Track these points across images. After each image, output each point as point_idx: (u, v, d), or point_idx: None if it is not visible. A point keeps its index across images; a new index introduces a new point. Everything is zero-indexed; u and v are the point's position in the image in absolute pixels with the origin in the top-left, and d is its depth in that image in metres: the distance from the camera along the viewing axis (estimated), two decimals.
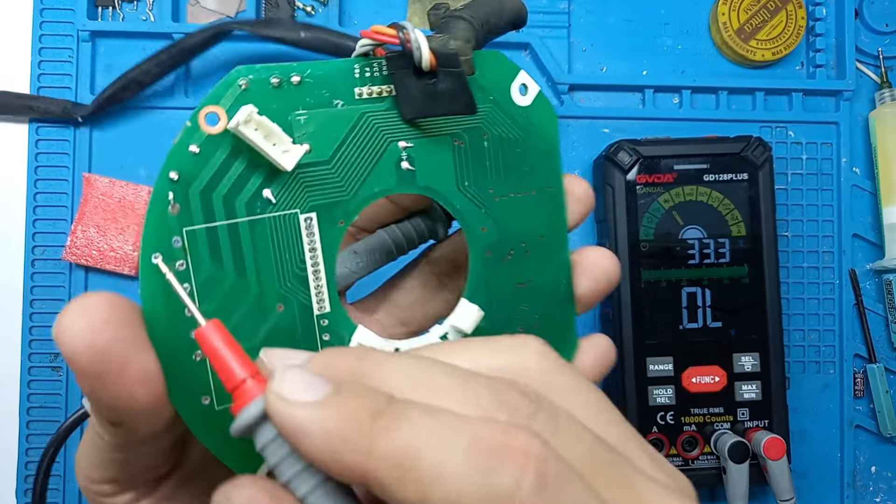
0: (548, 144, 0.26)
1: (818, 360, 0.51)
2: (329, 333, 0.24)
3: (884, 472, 0.51)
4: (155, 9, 0.49)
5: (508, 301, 0.26)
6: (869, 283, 0.52)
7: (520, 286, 0.27)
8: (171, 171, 0.21)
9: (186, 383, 0.21)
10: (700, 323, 0.46)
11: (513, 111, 0.26)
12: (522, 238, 0.26)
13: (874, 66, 0.53)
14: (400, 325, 0.29)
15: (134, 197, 0.48)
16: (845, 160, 0.51)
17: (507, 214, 0.26)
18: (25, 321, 0.48)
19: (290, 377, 0.18)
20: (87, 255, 0.47)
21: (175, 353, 0.20)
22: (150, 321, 0.20)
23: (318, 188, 0.23)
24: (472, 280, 0.26)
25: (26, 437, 0.47)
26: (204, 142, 0.21)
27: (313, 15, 0.50)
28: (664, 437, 0.45)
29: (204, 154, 0.21)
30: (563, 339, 0.28)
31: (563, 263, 0.27)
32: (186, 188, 0.21)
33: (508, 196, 0.26)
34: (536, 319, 0.27)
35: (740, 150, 0.46)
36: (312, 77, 0.22)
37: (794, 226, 0.51)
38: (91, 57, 0.49)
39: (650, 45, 0.52)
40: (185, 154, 0.21)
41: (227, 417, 0.21)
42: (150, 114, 0.49)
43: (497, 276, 0.26)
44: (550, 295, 0.27)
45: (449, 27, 0.24)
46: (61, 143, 0.48)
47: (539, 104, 0.26)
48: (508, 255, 0.26)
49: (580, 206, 0.27)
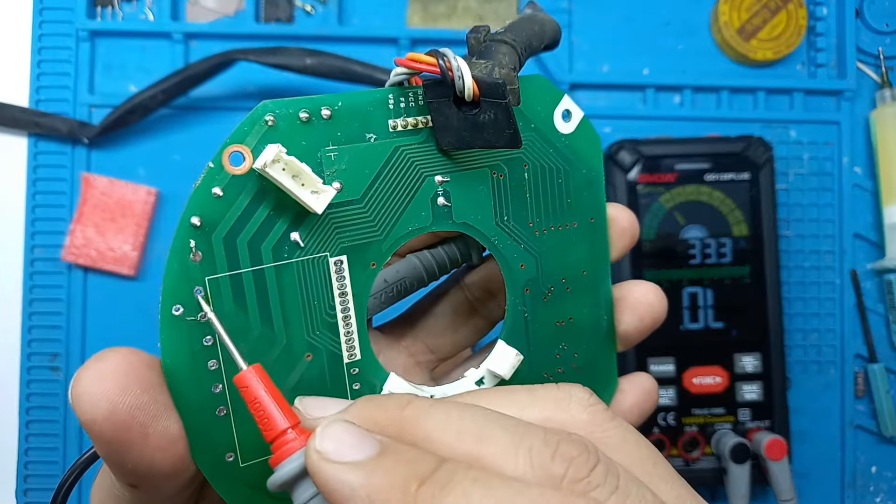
0: (591, 173, 0.25)
1: (819, 361, 0.51)
2: (360, 382, 0.22)
3: (884, 472, 0.51)
4: (154, 8, 0.49)
5: (548, 340, 0.25)
6: (870, 283, 0.51)
7: (559, 324, 0.25)
8: (193, 216, 0.19)
9: (210, 440, 0.20)
10: (701, 323, 0.45)
11: (555, 139, 0.24)
12: (563, 274, 0.25)
13: (875, 65, 0.52)
14: (429, 352, 0.27)
15: (133, 196, 0.48)
16: (846, 160, 0.51)
17: (548, 249, 0.24)
18: (25, 321, 0.48)
19: (332, 434, 0.17)
20: (85, 255, 0.47)
21: (198, 409, 0.19)
22: (172, 376, 0.19)
23: (350, 229, 0.21)
24: (509, 319, 0.24)
25: (26, 437, 0.47)
26: (228, 183, 0.19)
27: (313, 14, 0.50)
28: (665, 437, 0.45)
29: (228, 197, 0.19)
30: (604, 378, 0.26)
31: (606, 299, 0.26)
32: (209, 234, 0.19)
33: (549, 230, 0.24)
34: (576, 359, 0.26)
35: (741, 149, 0.46)
36: (344, 109, 0.21)
37: (796, 225, 0.51)
38: (90, 56, 0.49)
39: (651, 44, 0.52)
40: (207, 197, 0.19)
41: (253, 473, 0.20)
42: (149, 114, 0.48)
43: (536, 314, 0.25)
44: (591, 333, 0.26)
45: (491, 52, 0.22)
46: (61, 142, 0.48)
47: (583, 130, 0.25)
48: (548, 293, 0.25)
49: (624, 237, 0.26)
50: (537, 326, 0.25)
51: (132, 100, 0.46)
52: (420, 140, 0.22)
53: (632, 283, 0.26)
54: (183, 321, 0.19)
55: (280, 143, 0.19)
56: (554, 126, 0.24)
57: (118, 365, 0.18)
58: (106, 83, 0.49)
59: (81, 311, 0.48)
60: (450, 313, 0.27)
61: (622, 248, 0.26)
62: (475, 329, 0.27)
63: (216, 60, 0.45)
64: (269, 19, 0.50)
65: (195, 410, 0.19)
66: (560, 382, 0.20)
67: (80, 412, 0.17)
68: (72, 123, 0.47)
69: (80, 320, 0.48)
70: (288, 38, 0.49)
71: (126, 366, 0.18)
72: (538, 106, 0.24)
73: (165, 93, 0.46)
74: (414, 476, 0.16)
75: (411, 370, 0.27)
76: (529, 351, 0.24)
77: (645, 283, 0.26)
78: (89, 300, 0.48)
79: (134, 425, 0.18)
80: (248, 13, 0.49)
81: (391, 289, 0.25)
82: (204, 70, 0.45)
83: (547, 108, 0.24)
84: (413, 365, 0.27)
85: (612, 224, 0.25)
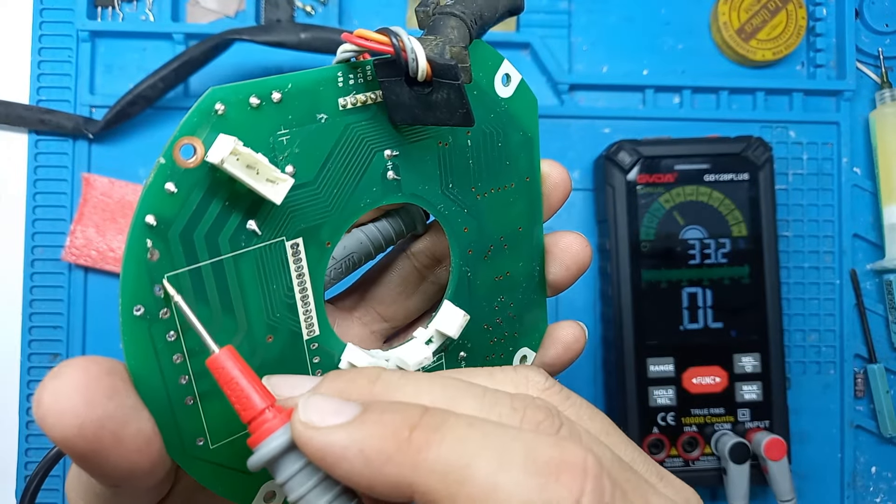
0: (528, 134, 0.26)
1: (819, 361, 0.51)
2: (319, 356, 0.23)
3: (884, 472, 0.51)
4: (154, 8, 0.49)
5: (488, 295, 0.26)
6: (869, 284, 0.51)
7: (498, 279, 0.26)
8: (147, 215, 0.19)
9: (180, 431, 0.20)
10: (701, 323, 0.46)
11: (495, 104, 0.25)
12: (502, 232, 0.26)
13: (874, 66, 0.52)
14: (381, 321, 0.28)
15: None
16: (846, 160, 0.51)
17: (488, 211, 0.25)
18: (25, 321, 0.48)
19: (314, 404, 0.17)
20: (85, 256, 0.47)
21: (167, 404, 0.19)
22: (138, 377, 0.19)
23: (304, 212, 0.21)
24: (454, 279, 0.25)
25: (26, 437, 0.47)
26: (180, 178, 0.19)
27: (313, 14, 0.50)
28: (665, 437, 0.45)
29: (181, 192, 0.19)
30: (536, 323, 0.28)
31: (538, 251, 0.27)
32: (165, 232, 0.19)
33: (490, 192, 0.25)
34: (511, 308, 0.27)
35: (741, 150, 0.46)
36: (294, 91, 0.21)
37: (795, 226, 0.51)
38: (90, 57, 0.49)
39: (651, 44, 0.52)
40: (161, 195, 0.19)
41: (223, 453, 0.20)
42: (148, 113, 0.49)
43: (477, 272, 0.26)
44: (525, 284, 0.27)
45: (440, 27, 0.21)
46: (61, 143, 0.48)
47: (521, 93, 0.25)
48: (489, 252, 0.26)
49: (558, 191, 0.27)
50: (478, 283, 0.26)
51: (133, 91, 0.46)
52: (369, 116, 0.22)
53: (559, 235, 0.27)
54: (144, 321, 0.19)
55: (231, 131, 0.19)
56: (494, 91, 0.24)
57: (78, 379, 0.17)
58: (107, 84, 0.49)
59: (82, 310, 0.48)
60: (398, 282, 0.28)
61: (557, 201, 0.27)
62: (425, 296, 0.28)
63: (212, 42, 0.45)
64: (269, 20, 0.50)
65: (164, 406, 0.19)
66: (517, 366, 0.21)
67: (49, 432, 0.17)
68: (77, 119, 0.47)
69: (81, 320, 0.48)
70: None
71: (86, 377, 0.17)
72: (479, 72, 0.24)
73: (164, 80, 0.46)
74: (404, 423, 0.16)
75: (366, 339, 0.27)
76: (472, 306, 0.25)
77: (570, 234, 0.27)
78: (90, 300, 0.48)
79: (105, 435, 0.17)
80: (249, 14, 0.49)
81: (340, 265, 0.26)
82: (200, 54, 0.45)
83: (488, 73, 0.24)
84: (368, 335, 0.28)
85: (546, 180, 0.27)
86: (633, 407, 0.45)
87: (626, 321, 0.45)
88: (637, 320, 0.45)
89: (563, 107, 0.50)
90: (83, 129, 0.47)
